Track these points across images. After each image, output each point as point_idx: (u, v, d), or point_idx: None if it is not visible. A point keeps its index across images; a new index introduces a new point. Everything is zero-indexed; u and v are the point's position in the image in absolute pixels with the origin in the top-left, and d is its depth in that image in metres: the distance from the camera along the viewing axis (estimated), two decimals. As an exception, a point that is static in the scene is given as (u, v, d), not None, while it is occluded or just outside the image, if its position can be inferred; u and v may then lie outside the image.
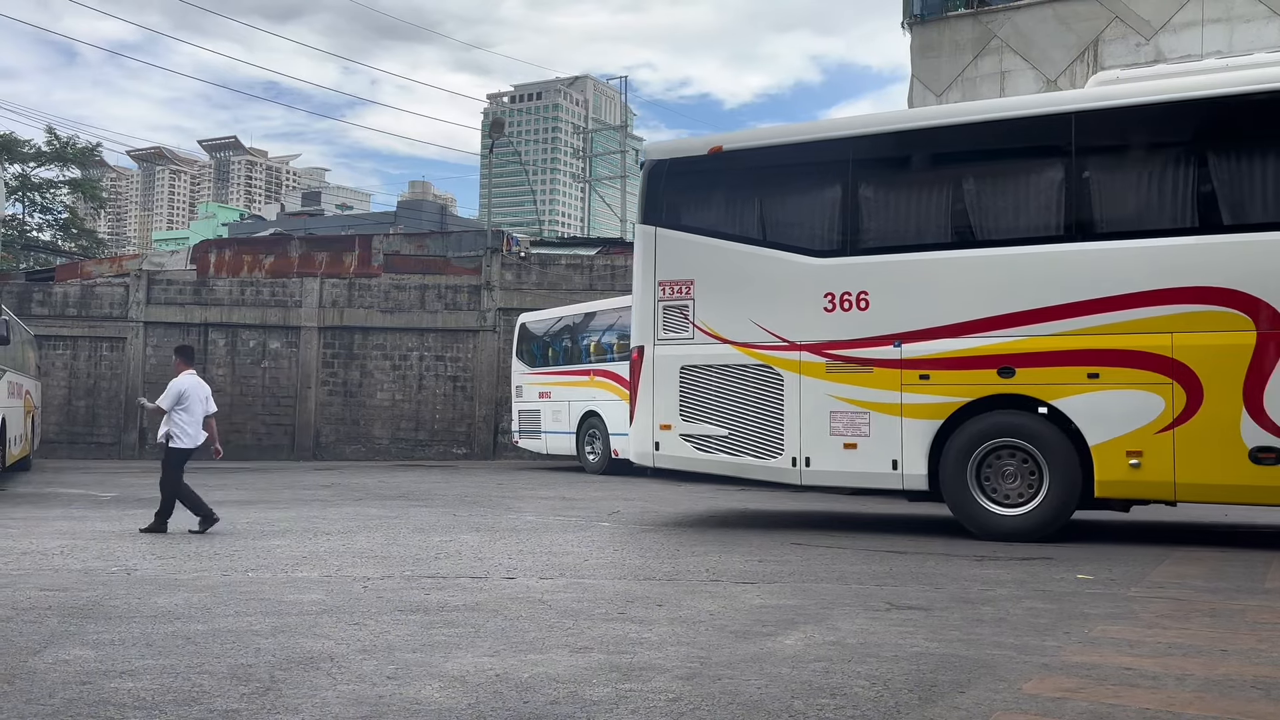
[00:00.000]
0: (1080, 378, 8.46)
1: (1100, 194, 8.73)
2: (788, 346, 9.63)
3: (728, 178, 10.30)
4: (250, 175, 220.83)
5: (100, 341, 24.90)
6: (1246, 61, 9.20)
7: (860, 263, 9.43)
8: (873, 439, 9.23)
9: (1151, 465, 8.21)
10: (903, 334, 9.13)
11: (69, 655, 4.63)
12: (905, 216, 9.53)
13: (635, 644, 4.87)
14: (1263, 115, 8.27)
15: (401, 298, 24.80)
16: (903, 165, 9.85)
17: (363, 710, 3.76)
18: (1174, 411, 8.14)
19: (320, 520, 10.79)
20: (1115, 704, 3.83)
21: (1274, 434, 7.85)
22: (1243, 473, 7.92)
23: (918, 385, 9.04)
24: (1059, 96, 9.90)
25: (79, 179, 47.38)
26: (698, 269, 10.10)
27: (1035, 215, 8.97)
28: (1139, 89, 8.94)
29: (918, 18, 19.50)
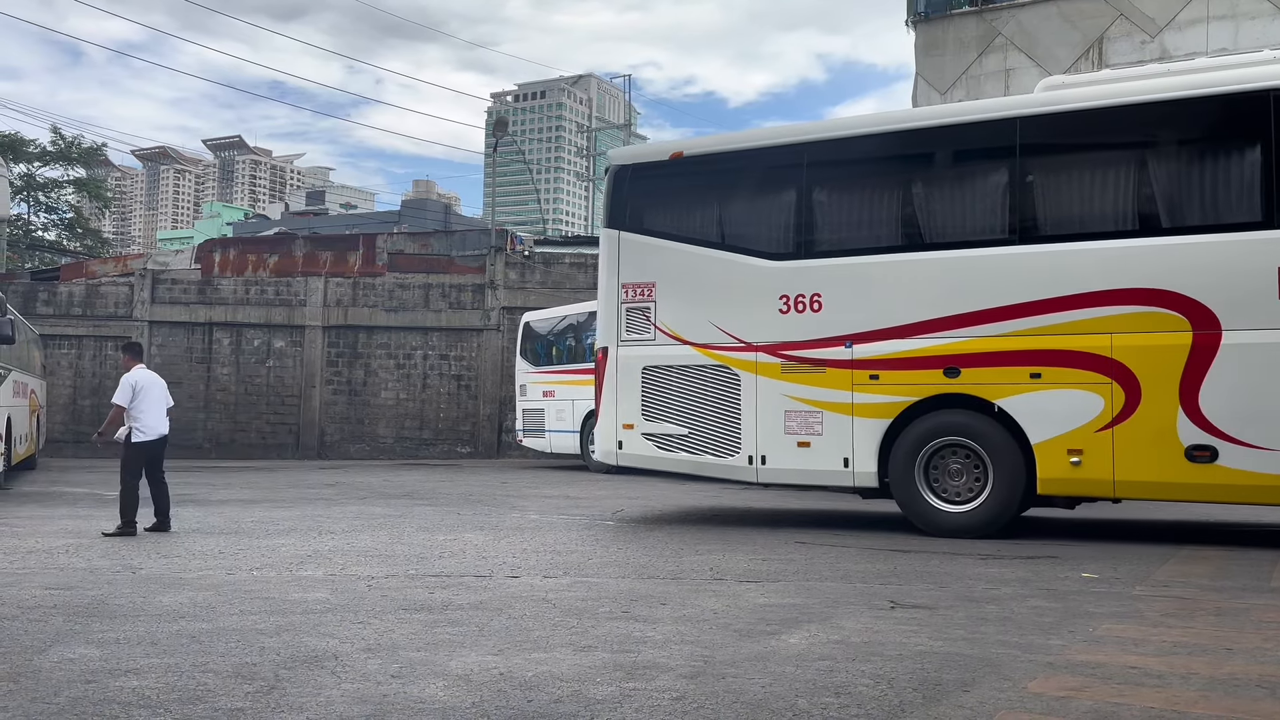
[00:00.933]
0: (1023, 378, 8.67)
1: (1043, 197, 8.95)
2: (745, 347, 9.84)
3: (688, 183, 10.57)
4: (255, 175, 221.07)
5: (105, 341, 24.94)
6: (1197, 65, 9.31)
7: (813, 265, 9.65)
8: (825, 437, 9.45)
9: (1091, 463, 8.40)
10: (854, 335, 9.35)
11: (74, 654, 4.63)
12: (856, 220, 9.77)
13: (639, 642, 4.87)
14: (1197, 119, 8.51)
15: (405, 297, 24.81)
16: (853, 170, 9.95)
17: (367, 709, 3.76)
18: (1113, 411, 8.33)
19: (324, 519, 10.80)
20: (1120, 703, 3.82)
21: (1209, 432, 8.01)
22: (1179, 470, 8.11)
23: (868, 385, 9.27)
24: (1004, 102, 10.13)
25: (84, 179, 47.48)
26: (659, 272, 10.34)
27: (980, 218, 9.18)
28: (1081, 94, 9.08)
29: (922, 15, 19.47)
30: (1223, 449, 7.98)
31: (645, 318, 10.41)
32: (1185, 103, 8.47)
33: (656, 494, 13.69)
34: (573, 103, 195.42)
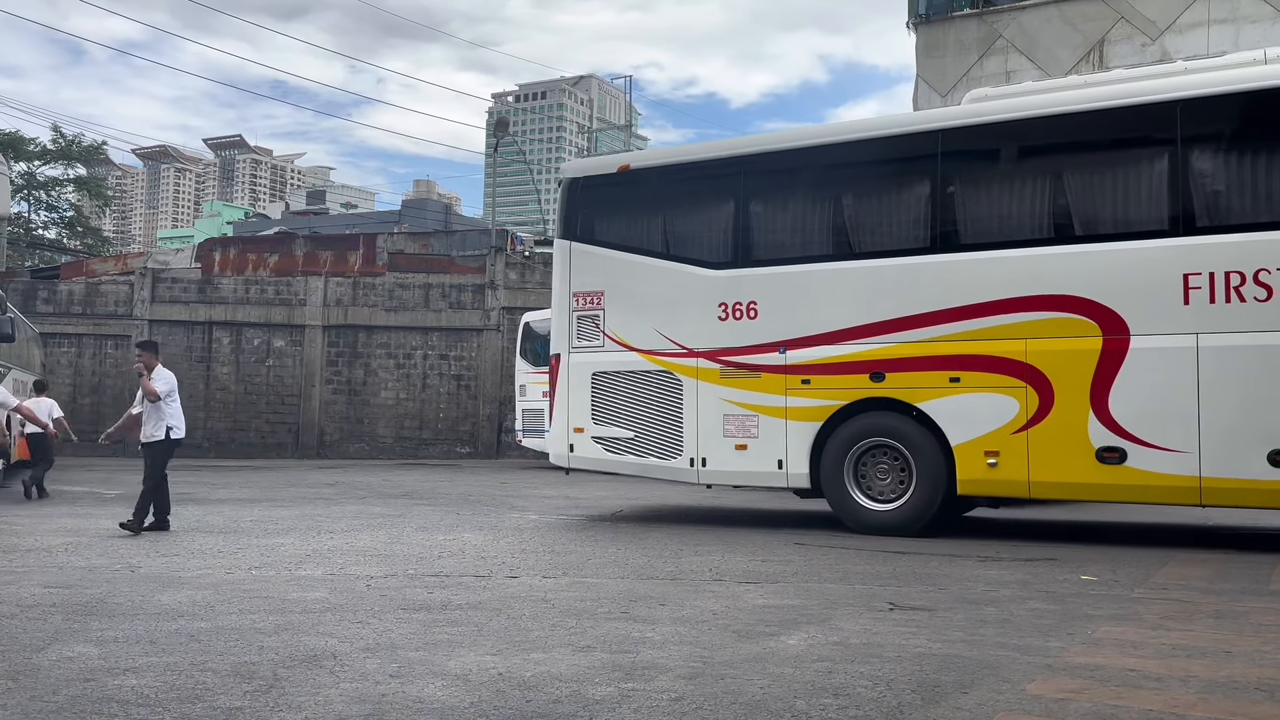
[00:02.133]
0: (943, 382, 8.97)
1: (962, 207, 9.24)
2: (686, 353, 10.17)
3: (635, 195, 10.89)
4: (255, 174, 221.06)
5: (105, 339, 24.95)
6: (1114, 76, 9.56)
7: (750, 274, 9.95)
8: (761, 440, 9.77)
9: (1007, 464, 8.69)
10: (787, 341, 9.66)
11: (73, 652, 4.63)
12: (789, 230, 10.06)
13: (638, 643, 4.87)
14: (1108, 130, 8.75)
15: (405, 297, 24.82)
16: (787, 182, 10.18)
17: (365, 708, 3.76)
18: (1027, 413, 8.61)
19: (324, 519, 10.80)
20: (1118, 705, 3.82)
21: (1118, 434, 8.26)
22: (1090, 471, 8.37)
23: (800, 389, 9.59)
24: (928, 114, 10.34)
25: (84, 177, 47.49)
26: (608, 281, 10.67)
27: (904, 228, 9.48)
28: (999, 106, 9.42)
29: (923, 17, 19.46)
30: (1131, 450, 8.22)
31: (595, 325, 10.72)
32: (1096, 114, 8.72)
33: (656, 495, 13.69)
34: (574, 103, 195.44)
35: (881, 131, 9.86)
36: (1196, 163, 8.30)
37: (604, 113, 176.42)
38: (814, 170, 10.03)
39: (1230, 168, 8.27)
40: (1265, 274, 7.81)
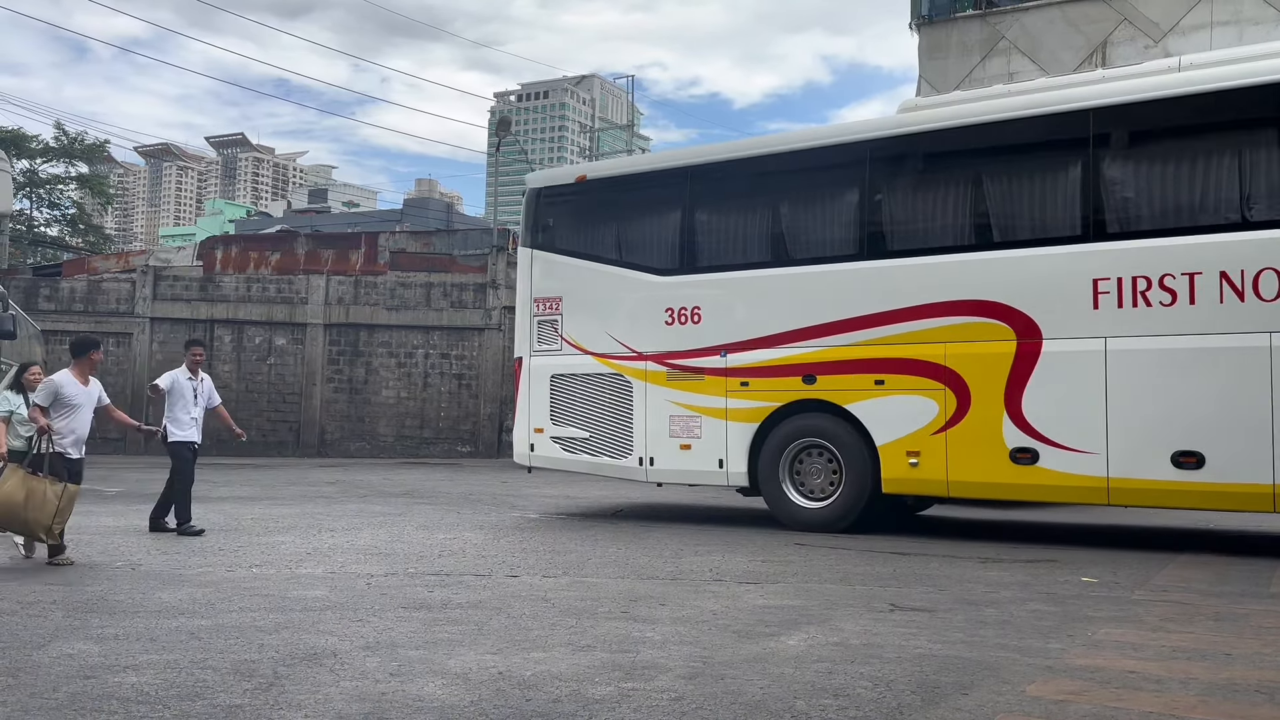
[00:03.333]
0: (869, 384, 9.32)
1: (888, 215, 9.55)
2: (636, 357, 10.58)
3: (591, 204, 11.34)
4: (257, 172, 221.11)
5: (106, 337, 24.90)
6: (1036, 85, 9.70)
7: (694, 280, 10.37)
8: (703, 440, 10.16)
9: (927, 464, 9.01)
10: (728, 345, 10.04)
11: (73, 650, 4.64)
12: (730, 238, 10.44)
13: (638, 643, 4.87)
14: (1024, 139, 8.94)
15: (407, 295, 24.81)
16: (727, 191, 10.52)
17: (365, 707, 3.77)
18: (946, 415, 8.92)
19: (324, 517, 10.80)
20: (1118, 707, 3.82)
21: (1030, 436, 8.51)
22: (1004, 471, 8.64)
23: (740, 391, 9.96)
24: (856, 125, 10.60)
25: (87, 175, 47.50)
26: (565, 287, 11.12)
27: (835, 235, 9.82)
28: (919, 117, 9.68)
29: (925, 18, 19.44)
30: (1043, 451, 8.46)
31: (554, 329, 11.19)
32: (1011, 123, 8.95)
33: (656, 495, 13.68)
34: (576, 103, 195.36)
35: (813, 143, 10.22)
36: (1107, 170, 8.48)
37: (606, 112, 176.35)
38: (752, 180, 10.36)
39: (1139, 175, 8.44)
40: (1170, 279, 8.02)
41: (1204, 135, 8.35)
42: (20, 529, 7.34)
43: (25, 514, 7.13)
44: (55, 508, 7.18)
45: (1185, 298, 7.97)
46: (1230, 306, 7.81)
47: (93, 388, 8.21)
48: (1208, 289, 7.89)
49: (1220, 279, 7.85)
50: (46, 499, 7.17)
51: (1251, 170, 7.97)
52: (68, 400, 7.88)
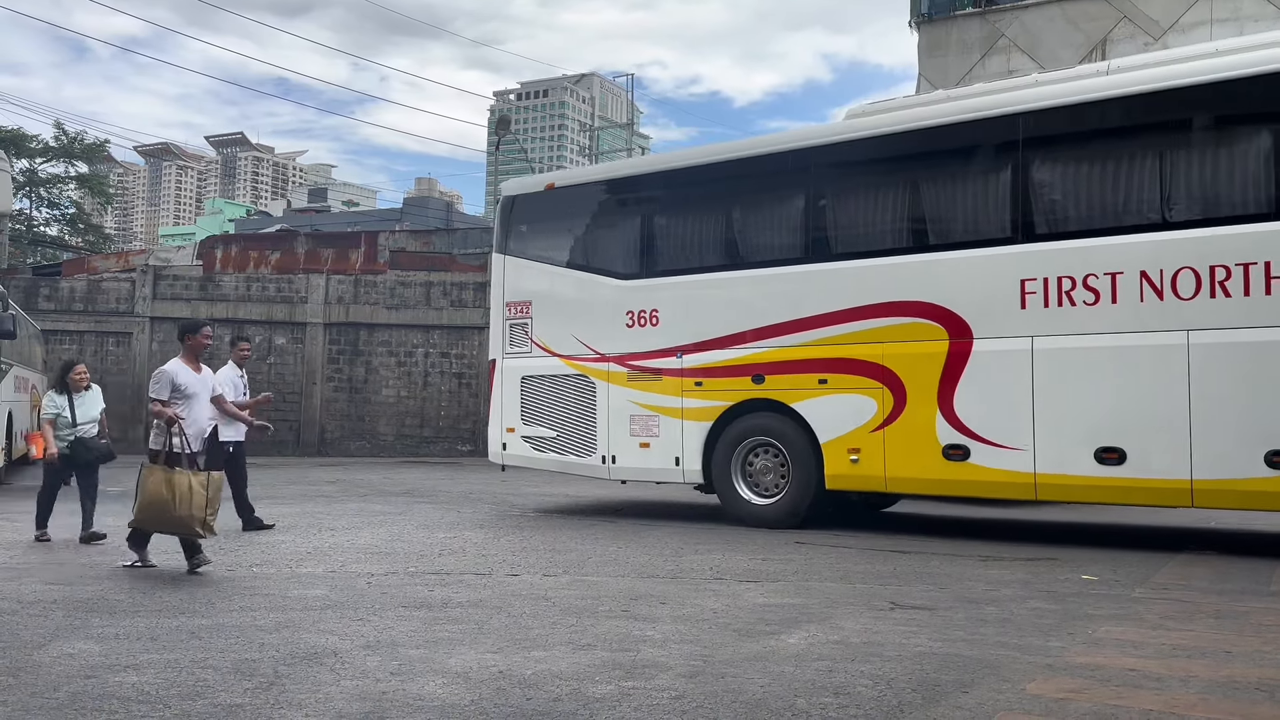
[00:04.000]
0: (813, 383, 9.58)
1: (832, 219, 9.81)
2: (599, 358, 10.92)
3: (559, 211, 11.69)
4: (257, 171, 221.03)
5: (106, 336, 24.94)
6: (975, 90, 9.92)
7: (652, 284, 10.67)
8: (661, 438, 10.48)
9: (867, 460, 9.28)
10: (684, 346, 10.36)
11: (73, 649, 4.64)
12: (686, 242, 10.75)
13: (639, 641, 4.87)
14: (956, 143, 9.17)
15: (407, 294, 24.80)
16: (683, 198, 10.86)
17: (366, 706, 3.77)
18: (884, 413, 9.17)
19: (325, 516, 10.80)
20: (1119, 705, 3.82)
21: (962, 433, 8.74)
22: (938, 468, 8.87)
23: (694, 391, 10.27)
24: (803, 132, 10.84)
25: (86, 174, 47.49)
26: (535, 291, 11.49)
27: (782, 239, 10.09)
28: (859, 123, 9.92)
29: (925, 16, 19.42)
30: (974, 448, 8.67)
31: (524, 333, 11.56)
32: (945, 128, 9.16)
33: (656, 494, 13.68)
34: (575, 101, 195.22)
35: (762, 150, 10.51)
36: (1035, 173, 8.66)
37: (606, 111, 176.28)
38: (705, 186, 10.68)
39: (1065, 177, 8.61)
40: (1093, 278, 8.19)
41: (1126, 138, 8.50)
42: (173, 529, 6.88)
43: (176, 511, 6.71)
44: (205, 498, 6.76)
45: (1108, 297, 8.14)
46: (1150, 305, 7.98)
47: (206, 375, 7.61)
48: (1129, 288, 8.06)
49: (1140, 278, 8.01)
50: (194, 491, 6.73)
51: (1171, 172, 8.13)
52: (183, 390, 7.22)
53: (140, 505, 6.85)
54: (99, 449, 9.01)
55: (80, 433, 8.84)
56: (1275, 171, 7.66)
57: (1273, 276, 7.51)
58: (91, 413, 9.01)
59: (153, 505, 6.77)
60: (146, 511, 6.84)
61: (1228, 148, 8.01)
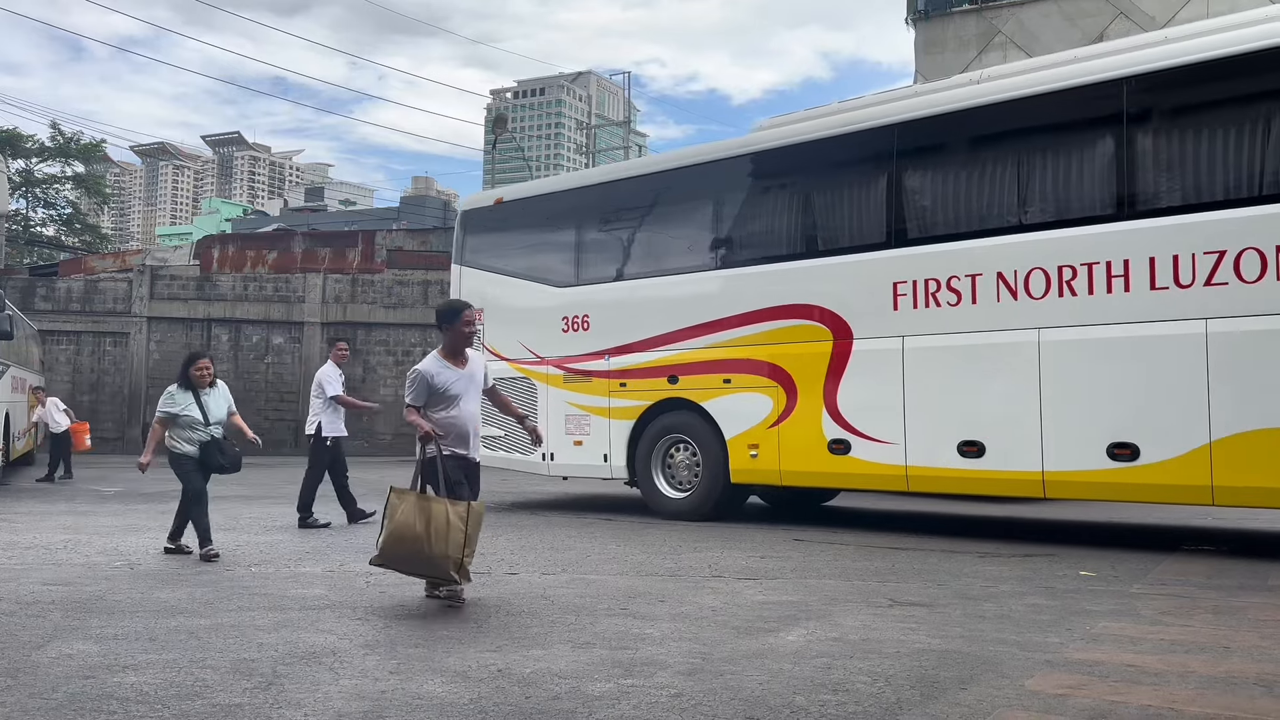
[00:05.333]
0: (719, 383, 10.19)
1: (735, 227, 10.41)
2: (539, 361, 11.67)
3: (506, 224, 12.49)
4: (254, 171, 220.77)
5: (104, 336, 24.93)
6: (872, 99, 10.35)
7: (584, 291, 11.40)
8: (592, 436, 11.15)
9: (764, 455, 9.85)
10: (611, 349, 11.01)
11: (72, 649, 4.63)
12: (612, 252, 11.46)
13: (637, 639, 4.88)
14: (838, 155, 9.68)
15: (404, 293, 24.80)
16: (609, 210, 11.51)
17: (365, 705, 3.76)
18: (778, 410, 9.73)
19: (323, 515, 10.79)
20: (1117, 701, 3.82)
21: (844, 428, 9.27)
22: (824, 461, 9.39)
23: (620, 391, 10.92)
24: (710, 147, 11.28)
25: (83, 174, 47.43)
26: (486, 300, 11.92)
27: (692, 248, 10.71)
28: (756, 138, 10.56)
29: (922, 14, 19.42)
30: (854, 443, 9.20)
31: (477, 339, 11.71)
32: (829, 140, 9.70)
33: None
34: (572, 99, 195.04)
35: (673, 164, 11.22)
36: (907, 180, 9.16)
37: (602, 109, 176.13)
38: (627, 199, 11.36)
39: (934, 184, 9.08)
40: (956, 280, 8.64)
41: (985, 146, 8.94)
42: (425, 569, 5.75)
43: (429, 548, 5.53)
44: (463, 535, 5.59)
45: (968, 298, 8.59)
46: (1005, 305, 8.38)
47: (474, 367, 6.29)
48: (987, 289, 8.48)
49: (997, 279, 8.43)
50: (450, 525, 5.55)
51: (1023, 177, 8.52)
52: (442, 389, 6.06)
53: (387, 539, 5.63)
54: (232, 456, 8.12)
55: (213, 433, 7.95)
56: (1117, 174, 8.02)
57: (1114, 275, 7.89)
58: (220, 412, 8.05)
59: (402, 540, 5.58)
60: (395, 547, 5.62)
61: (1074, 153, 8.35)
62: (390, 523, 5.62)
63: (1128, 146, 7.98)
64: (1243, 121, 7.59)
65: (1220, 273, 7.40)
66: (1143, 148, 7.96)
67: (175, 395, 7.81)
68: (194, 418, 7.77)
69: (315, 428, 10.23)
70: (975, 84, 9.18)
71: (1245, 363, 7.39)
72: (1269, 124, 7.41)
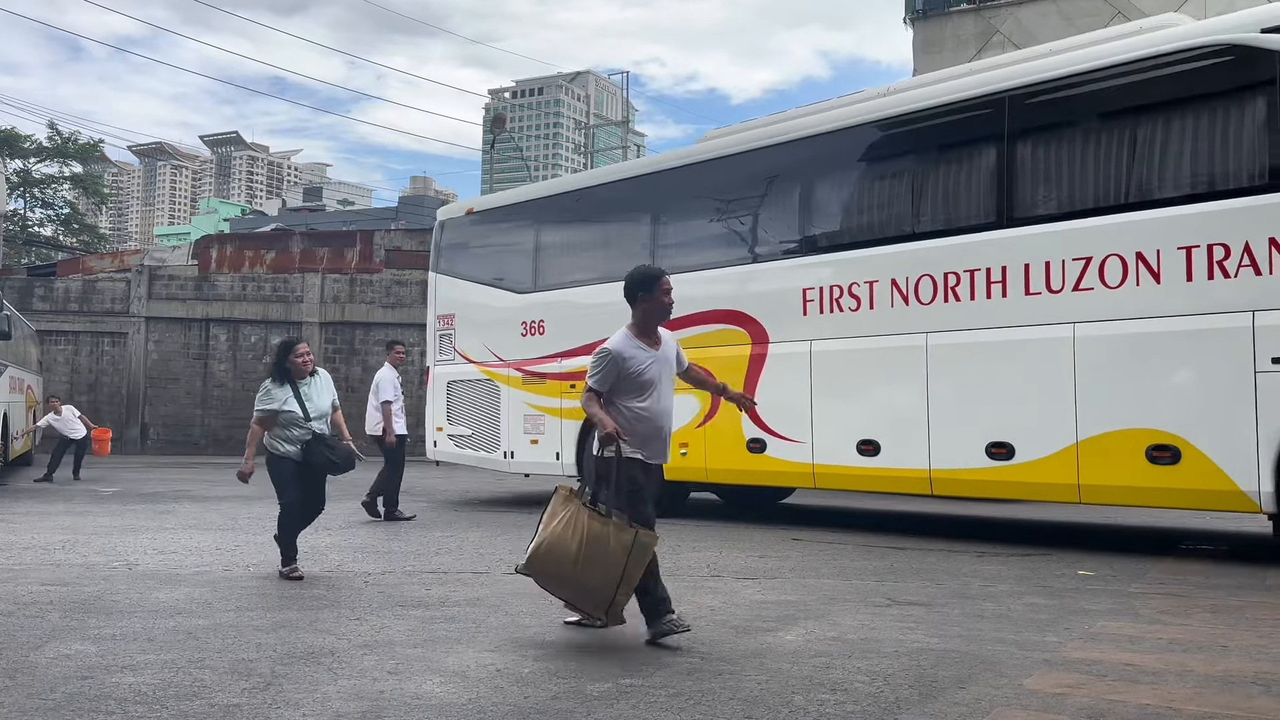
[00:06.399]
0: None
1: (674, 235, 10.96)
2: (502, 364, 12.29)
3: (476, 234, 13.18)
4: (252, 171, 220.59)
5: (102, 337, 24.90)
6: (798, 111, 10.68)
7: (540, 297, 12.01)
8: (546, 435, 11.69)
9: (693, 454, 10.30)
10: (563, 353, 11.51)
11: (70, 650, 4.63)
12: (564, 259, 12.07)
13: (636, 639, 4.87)
14: (760, 168, 10.12)
15: (403, 293, 24.78)
16: (563, 220, 12.22)
17: (363, 705, 3.76)
18: (705, 411, 10.21)
19: (321, 516, 10.77)
20: (1116, 700, 3.82)
21: (761, 428, 9.71)
22: (743, 460, 9.88)
23: (570, 393, 11.24)
24: (651, 160, 12.15)
25: (80, 174, 47.37)
26: (457, 306, 12.92)
27: (633, 255, 10.95)
28: (685, 151, 11.25)
29: (920, 13, 19.43)
30: (769, 441, 9.69)
31: (450, 343, 13.08)
32: (747, 154, 10.23)
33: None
34: (570, 99, 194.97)
35: (618, 176, 11.99)
36: (817, 191, 9.77)
37: (601, 109, 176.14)
38: (578, 209, 12.00)
39: (839, 194, 9.69)
40: (856, 287, 9.11)
41: (883, 159, 9.40)
42: (571, 595, 4.92)
43: (580, 575, 4.69)
44: (620, 570, 4.66)
45: (867, 303, 9.05)
46: (899, 310, 8.81)
47: (668, 349, 5.27)
48: (883, 295, 8.93)
49: (891, 286, 8.87)
50: (610, 554, 4.64)
51: (918, 187, 8.96)
52: (635, 373, 5.04)
53: (536, 549, 4.77)
54: (342, 453, 7.05)
55: (317, 429, 6.91)
56: (995, 185, 8.40)
57: (993, 282, 8.23)
58: (323, 404, 7.01)
59: (550, 554, 4.72)
60: (544, 561, 4.76)
61: (956, 165, 8.81)
62: (545, 530, 4.75)
63: (1006, 159, 8.37)
64: (1106, 132, 7.95)
65: (1087, 278, 7.72)
66: (1021, 159, 8.34)
67: (272, 390, 6.83)
68: (294, 414, 6.77)
69: (380, 428, 10.75)
70: (884, 96, 9.64)
71: (1108, 366, 7.65)
72: (1132, 135, 7.77)
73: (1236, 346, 6.97)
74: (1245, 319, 6.96)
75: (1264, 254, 6.93)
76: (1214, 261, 7.15)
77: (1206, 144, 7.37)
